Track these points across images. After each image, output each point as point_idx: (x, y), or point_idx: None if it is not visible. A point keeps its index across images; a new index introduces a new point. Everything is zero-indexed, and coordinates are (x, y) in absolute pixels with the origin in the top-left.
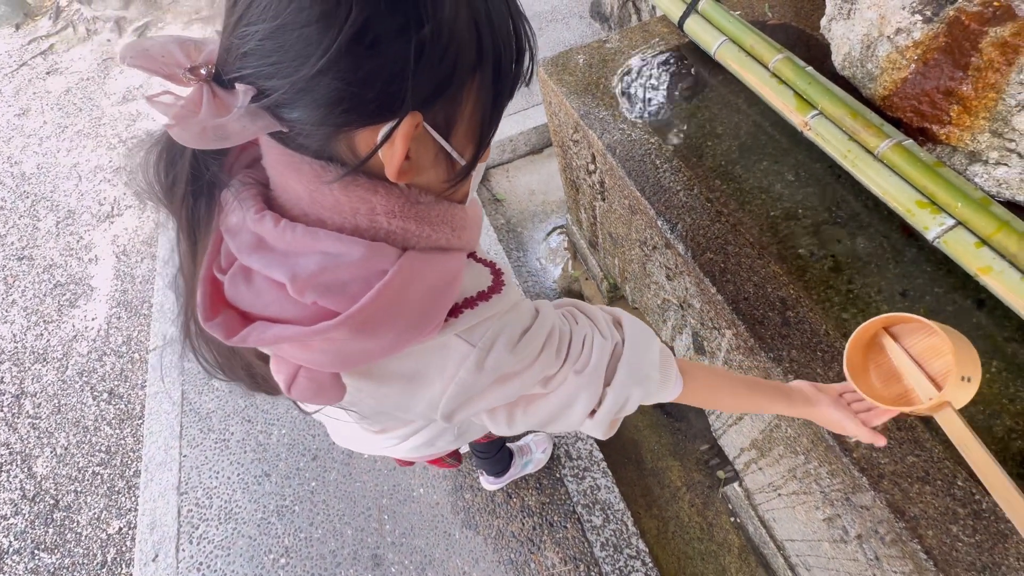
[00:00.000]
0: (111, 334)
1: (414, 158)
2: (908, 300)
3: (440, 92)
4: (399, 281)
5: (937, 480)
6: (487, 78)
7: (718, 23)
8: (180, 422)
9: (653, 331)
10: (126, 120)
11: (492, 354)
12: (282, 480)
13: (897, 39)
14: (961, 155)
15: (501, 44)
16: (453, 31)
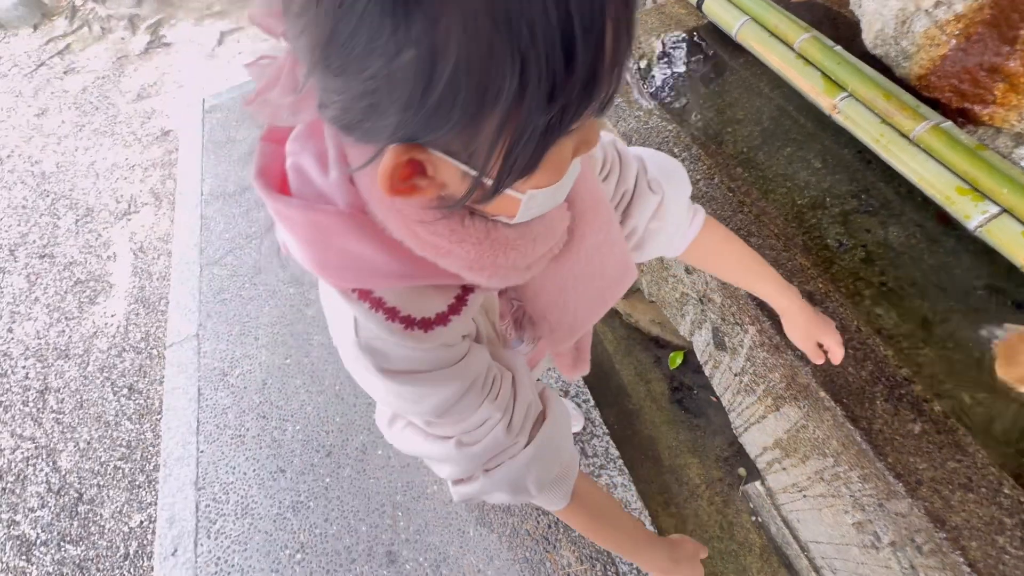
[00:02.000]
0: (130, 330)
1: (434, 176)
2: (944, 293)
3: (439, 126)
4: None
5: (981, 487)
6: (515, 110)
7: (739, 2)
8: (197, 418)
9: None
10: (141, 118)
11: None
12: (297, 476)
13: (936, 13)
14: (1006, 137)
15: (534, 74)
16: (450, 58)
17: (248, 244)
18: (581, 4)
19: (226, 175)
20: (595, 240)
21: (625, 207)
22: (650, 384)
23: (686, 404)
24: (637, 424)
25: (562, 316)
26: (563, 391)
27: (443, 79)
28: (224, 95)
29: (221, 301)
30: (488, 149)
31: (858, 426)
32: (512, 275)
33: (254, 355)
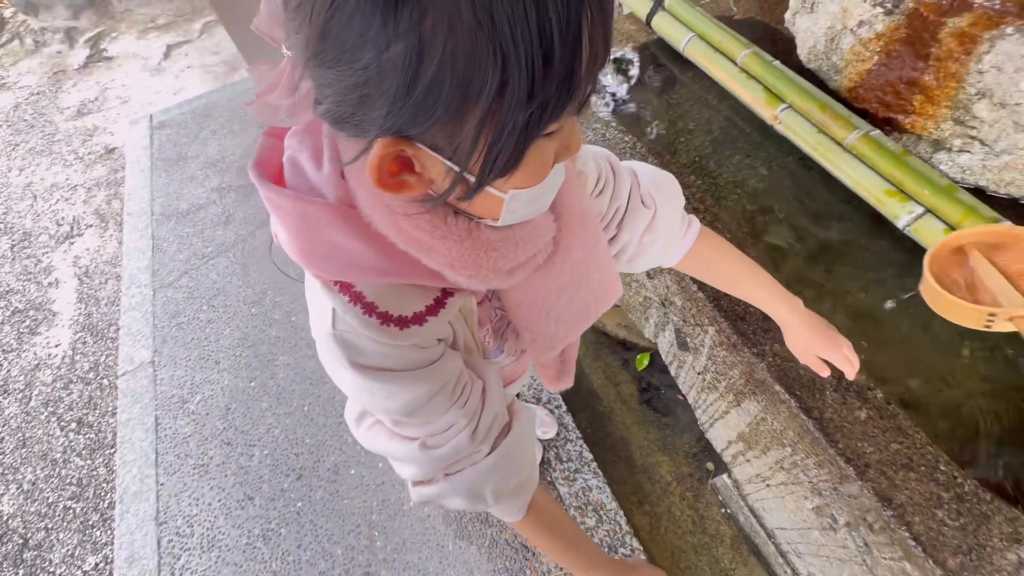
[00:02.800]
0: (77, 360)
1: (421, 172)
2: (882, 288)
3: (424, 119)
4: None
5: (921, 466)
6: (496, 106)
7: (685, 19)
8: (155, 449)
9: (529, 457)
10: (82, 135)
11: (336, 354)
12: (266, 503)
13: (860, 31)
14: (926, 143)
15: (515, 71)
16: (436, 53)
17: (204, 264)
18: (559, 8)
19: (178, 193)
20: (581, 253)
21: (619, 221)
22: (619, 386)
23: (654, 404)
24: (609, 426)
25: (544, 327)
26: (535, 398)
27: (429, 72)
28: (174, 111)
29: (177, 325)
30: (471, 144)
31: (811, 416)
32: (494, 277)
33: (215, 380)
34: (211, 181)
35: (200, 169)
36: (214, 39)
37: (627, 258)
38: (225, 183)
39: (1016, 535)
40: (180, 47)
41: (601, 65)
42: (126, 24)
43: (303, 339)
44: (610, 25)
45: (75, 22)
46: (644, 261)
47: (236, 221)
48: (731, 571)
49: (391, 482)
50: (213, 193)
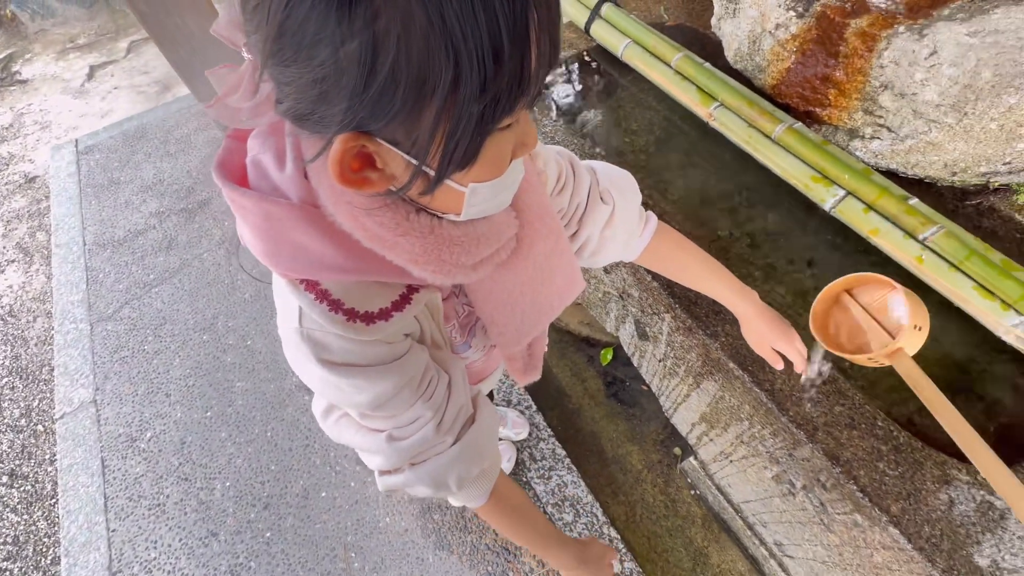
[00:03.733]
0: (6, 407)
1: (383, 168)
2: (816, 266)
3: (383, 114)
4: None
5: (861, 424)
6: (451, 100)
7: (621, 26)
8: (103, 493)
9: (492, 447)
10: None
11: (303, 351)
12: (232, 537)
13: (777, 33)
14: (842, 133)
15: (467, 67)
16: (390, 50)
17: (147, 293)
18: (506, 9)
19: (112, 220)
20: (543, 248)
21: (580, 217)
22: (586, 382)
23: (621, 396)
24: (579, 422)
25: (509, 320)
26: (506, 400)
27: (384, 69)
28: (102, 134)
29: (120, 360)
30: (428, 137)
31: (762, 388)
32: (457, 272)
33: (167, 413)
34: (148, 206)
35: (135, 194)
36: (142, 58)
37: (588, 253)
38: (164, 207)
39: (945, 477)
40: (105, 68)
41: (550, 64)
42: (41, 45)
43: (261, 363)
44: (557, 27)
45: None
46: (605, 256)
47: (179, 245)
48: (705, 549)
49: (365, 500)
50: (152, 218)
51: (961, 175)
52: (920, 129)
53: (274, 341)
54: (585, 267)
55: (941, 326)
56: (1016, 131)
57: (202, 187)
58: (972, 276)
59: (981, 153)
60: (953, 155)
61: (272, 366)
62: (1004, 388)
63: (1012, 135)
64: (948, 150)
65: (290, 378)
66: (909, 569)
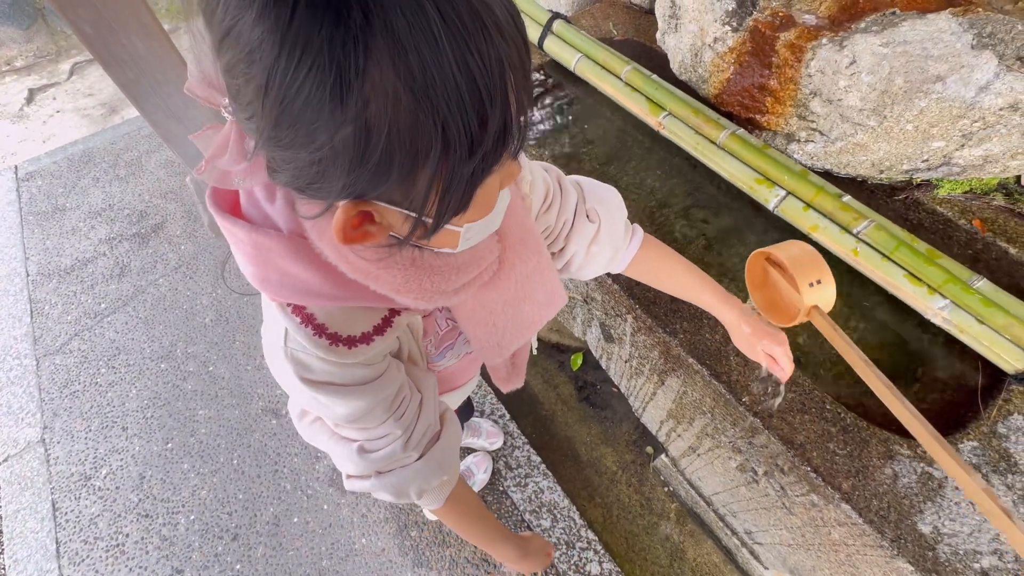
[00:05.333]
0: None
1: (381, 222)
2: None
3: (379, 184)
4: (256, 252)
5: (812, 409)
6: (443, 164)
7: (573, 42)
8: (55, 538)
9: (453, 461)
10: None
11: (286, 368)
12: (199, 572)
13: (716, 47)
14: (780, 137)
15: (455, 135)
16: (382, 130)
17: (98, 324)
18: (486, 78)
19: (58, 248)
20: (524, 269)
21: (567, 234)
22: (558, 388)
23: (592, 400)
24: (553, 428)
25: (491, 336)
26: (479, 411)
27: (379, 147)
28: (44, 159)
29: (71, 394)
30: (424, 197)
31: (720, 380)
32: (439, 298)
33: (124, 448)
34: (97, 232)
35: (83, 220)
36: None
37: (575, 267)
38: (115, 233)
39: (889, 452)
40: (45, 91)
41: (529, 108)
42: None
43: (224, 388)
44: (530, 78)
45: None
46: (592, 270)
47: (132, 272)
48: (681, 544)
49: (339, 522)
50: (101, 245)
51: (887, 173)
52: (848, 132)
53: (237, 366)
54: (573, 279)
55: (878, 312)
56: (929, 131)
57: (155, 211)
58: (902, 265)
59: (902, 152)
60: (878, 155)
61: (236, 392)
62: (935, 366)
63: (926, 135)
64: (873, 150)
65: (255, 403)
66: (863, 543)
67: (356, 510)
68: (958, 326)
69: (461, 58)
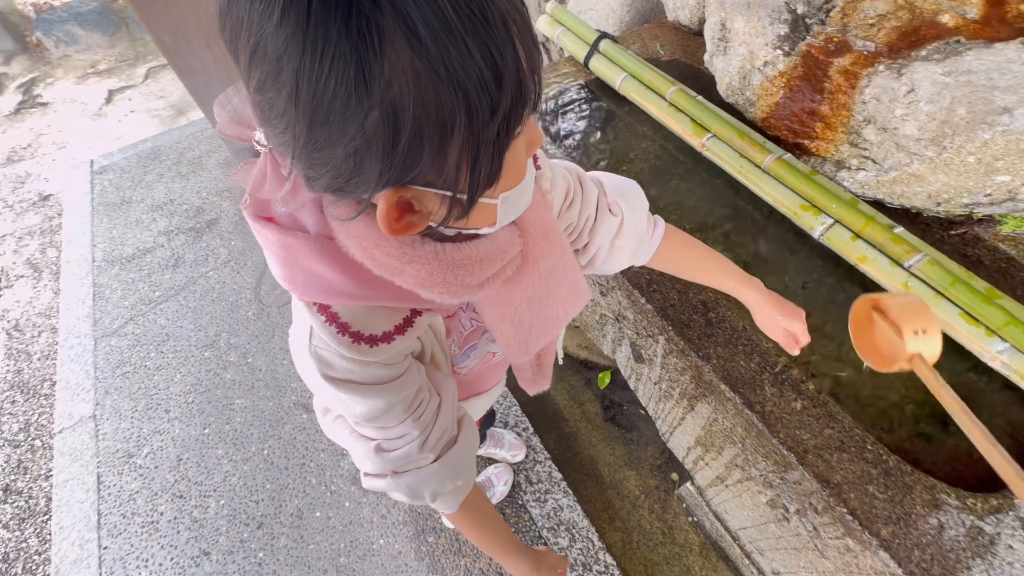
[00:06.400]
0: (4, 422)
1: (420, 209)
2: (808, 291)
3: (414, 165)
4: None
5: (851, 447)
6: (468, 132)
7: (619, 61)
8: (97, 510)
9: (468, 466)
10: (12, 183)
11: (310, 365)
12: (224, 557)
13: (765, 70)
14: (830, 164)
15: (476, 99)
16: (408, 108)
17: (152, 310)
18: (495, 38)
19: (122, 238)
20: (547, 264)
21: (590, 229)
22: (584, 405)
23: (618, 420)
24: (576, 446)
25: (516, 332)
26: (503, 422)
27: (408, 127)
28: (116, 155)
29: (122, 375)
30: (457, 170)
31: (754, 410)
32: (464, 292)
33: (165, 430)
34: (158, 224)
35: (146, 213)
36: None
37: (600, 262)
38: (173, 226)
39: (935, 501)
40: (123, 92)
41: (539, 62)
42: (63, 70)
43: (260, 380)
44: (532, 27)
45: (5, 68)
46: (617, 263)
47: (185, 264)
48: None
49: (359, 521)
50: (160, 236)
51: (945, 205)
52: (903, 161)
53: (274, 360)
54: (598, 273)
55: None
56: (993, 164)
57: (211, 207)
58: (957, 303)
59: (962, 185)
60: (936, 186)
61: (271, 384)
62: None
63: (990, 168)
64: (930, 181)
65: (288, 396)
66: None
67: (376, 510)
68: (1019, 372)
69: (468, 21)
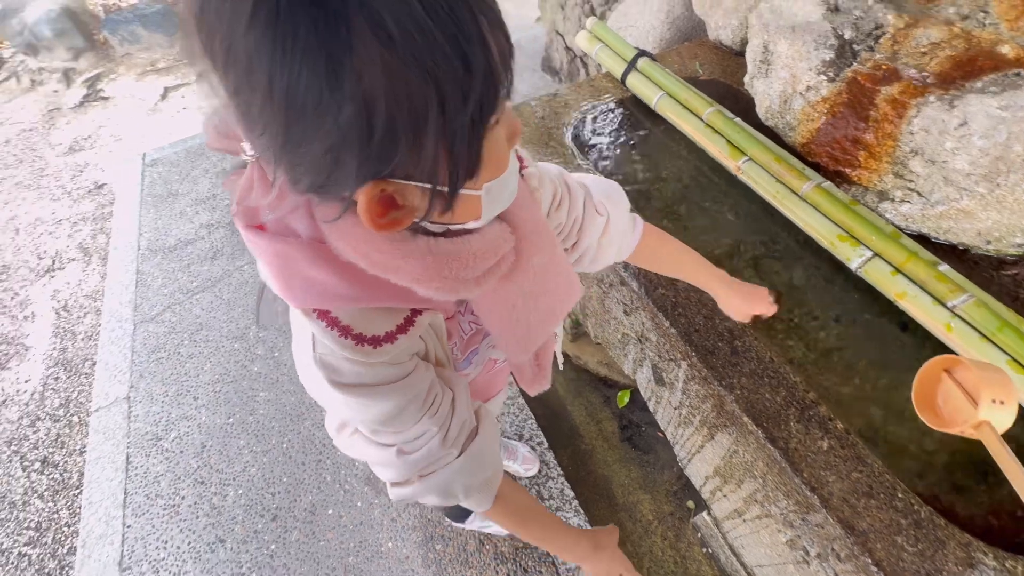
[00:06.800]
0: (47, 397)
1: (404, 204)
2: (841, 325)
3: (391, 156)
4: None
5: (880, 494)
6: (442, 120)
7: (656, 79)
8: (124, 489)
9: (494, 456)
10: (72, 171)
11: (317, 375)
12: (238, 545)
13: (808, 95)
14: (872, 194)
15: (446, 86)
16: (380, 99)
17: (189, 299)
18: (462, 27)
19: (166, 228)
20: (541, 260)
21: (578, 229)
22: (601, 423)
23: (635, 441)
24: (590, 464)
25: (514, 330)
26: (518, 435)
27: (381, 117)
28: (167, 149)
29: (156, 360)
30: (434, 160)
31: (777, 446)
32: (460, 287)
33: (192, 416)
34: (200, 217)
35: (190, 205)
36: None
37: (589, 260)
38: (214, 220)
39: (969, 560)
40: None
41: (510, 54)
42: (125, 67)
43: (285, 375)
44: (503, 21)
45: (74, 63)
46: (603, 261)
47: (223, 256)
48: None
49: (369, 522)
50: (202, 229)
51: (996, 244)
52: (951, 196)
53: None
54: (587, 271)
55: None
56: None
57: None
58: (1005, 349)
59: (1016, 224)
60: (986, 224)
61: (295, 378)
62: None
63: None
64: (981, 218)
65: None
66: None
67: (387, 513)
68: None
69: (434, 12)
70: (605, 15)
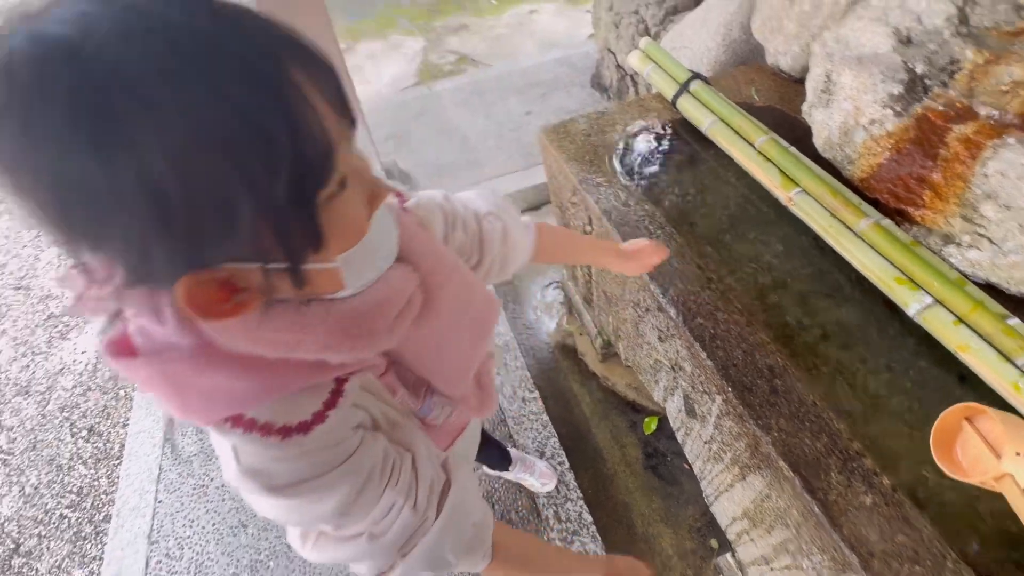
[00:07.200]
0: (99, 368)
1: (246, 286)
2: (893, 372)
3: (203, 242)
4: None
5: (927, 561)
6: (254, 199)
7: (708, 103)
8: (159, 465)
9: (477, 502)
10: None
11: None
12: (259, 532)
13: (872, 128)
14: (936, 236)
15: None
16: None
17: None
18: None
19: None
20: (452, 287)
21: (479, 243)
22: (625, 448)
23: (660, 471)
24: (611, 489)
25: (446, 363)
26: (539, 451)
27: (177, 204)
28: None
29: None
30: (257, 240)
31: (815, 496)
32: (374, 342)
33: None
34: None
35: None
36: None
37: (497, 269)
38: None
39: None
40: None
41: (350, 119)
42: None
43: None
44: (335, 79)
45: None
46: (512, 266)
47: None
48: None
49: None
50: None
51: None
52: None
53: None
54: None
55: None
56: None
57: None
58: None
59: None
60: None
61: None
62: None
63: None
64: None
65: None
66: None
67: None
68: None
69: (221, 82)
70: (659, 35)
